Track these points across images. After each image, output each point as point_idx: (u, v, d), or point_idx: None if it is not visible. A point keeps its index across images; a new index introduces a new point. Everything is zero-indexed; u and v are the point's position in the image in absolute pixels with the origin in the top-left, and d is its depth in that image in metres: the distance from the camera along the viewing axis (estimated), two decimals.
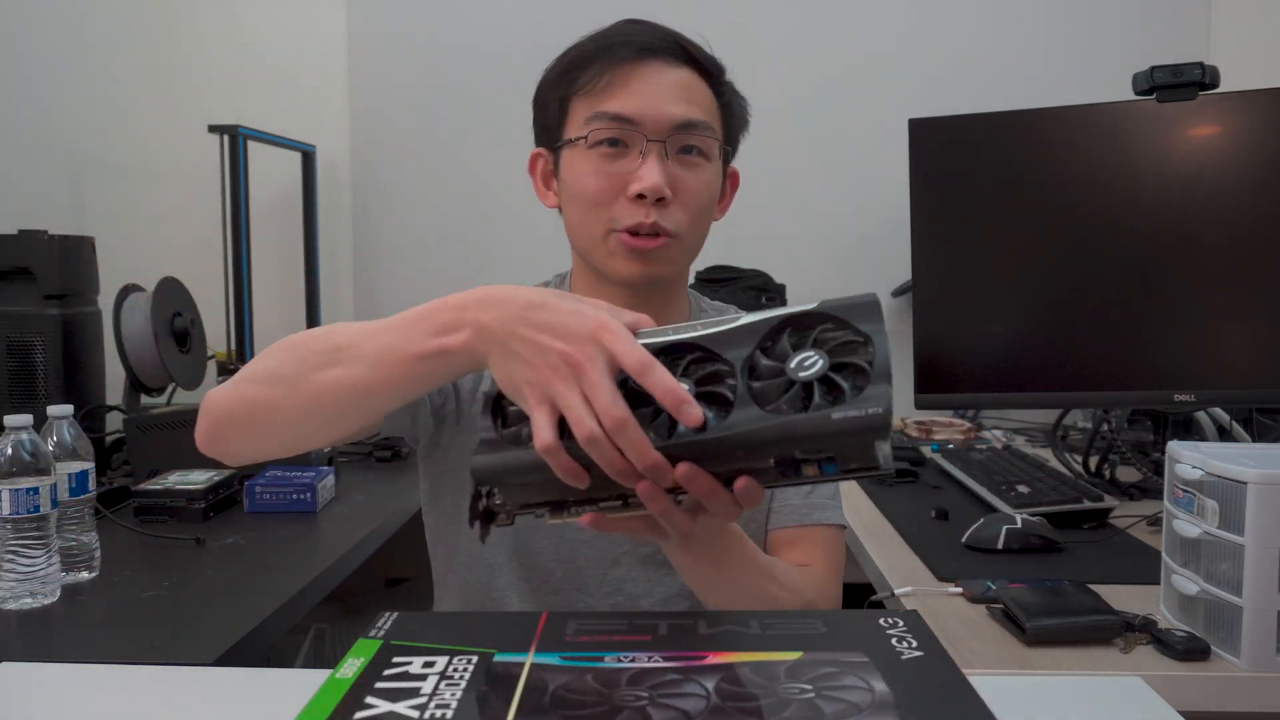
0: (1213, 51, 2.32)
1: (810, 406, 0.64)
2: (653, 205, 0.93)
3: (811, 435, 0.63)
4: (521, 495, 0.72)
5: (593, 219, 0.96)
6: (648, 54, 0.95)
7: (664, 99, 0.94)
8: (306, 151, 2.41)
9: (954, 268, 1.59)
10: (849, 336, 0.66)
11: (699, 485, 0.66)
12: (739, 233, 2.32)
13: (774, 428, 0.64)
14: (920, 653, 0.66)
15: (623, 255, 0.95)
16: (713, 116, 0.98)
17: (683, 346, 0.69)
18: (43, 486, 1.15)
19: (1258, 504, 0.93)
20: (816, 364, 0.65)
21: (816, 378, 0.64)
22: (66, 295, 1.70)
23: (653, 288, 0.99)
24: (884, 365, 0.64)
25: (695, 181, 0.96)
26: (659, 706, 0.58)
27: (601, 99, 0.95)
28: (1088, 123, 1.53)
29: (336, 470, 1.79)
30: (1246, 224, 1.48)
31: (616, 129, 0.95)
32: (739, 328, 0.69)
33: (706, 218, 0.99)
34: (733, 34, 2.32)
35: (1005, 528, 1.31)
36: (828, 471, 0.66)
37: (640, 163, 0.94)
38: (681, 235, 0.96)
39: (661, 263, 0.96)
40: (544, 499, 0.71)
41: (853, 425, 0.62)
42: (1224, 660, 0.97)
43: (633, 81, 0.95)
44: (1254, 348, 1.50)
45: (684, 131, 0.95)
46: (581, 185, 0.97)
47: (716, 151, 0.98)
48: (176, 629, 1.12)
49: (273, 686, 0.78)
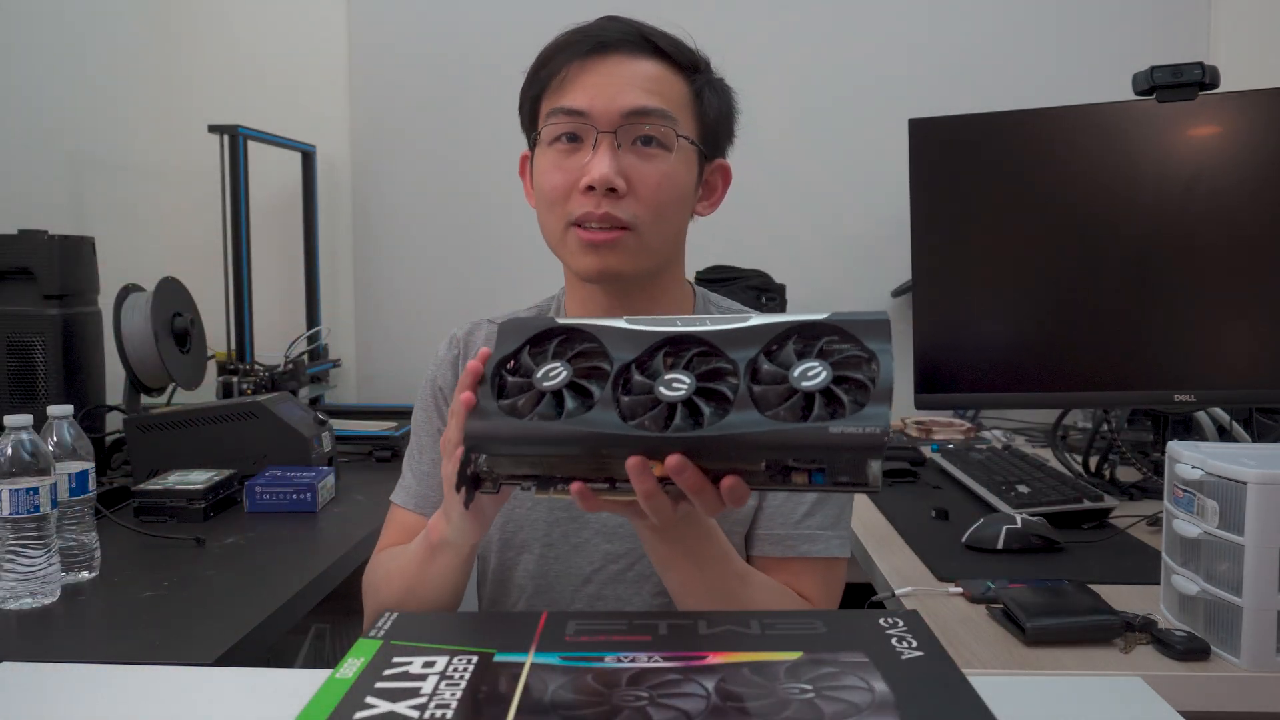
0: (1213, 51, 2.32)
1: (809, 417, 0.64)
2: (604, 196, 0.92)
3: (806, 445, 0.64)
4: (510, 466, 0.72)
5: (553, 216, 0.96)
6: (606, 48, 0.94)
7: (617, 90, 0.93)
8: (306, 151, 2.41)
9: (954, 268, 1.59)
10: (855, 352, 0.67)
11: (688, 478, 0.66)
12: (739, 233, 2.33)
13: (771, 434, 0.64)
14: (920, 653, 0.66)
15: (579, 250, 0.94)
16: (678, 106, 0.95)
17: (688, 340, 0.69)
18: (43, 486, 1.15)
19: (1258, 504, 0.93)
20: (820, 375, 0.65)
21: (819, 389, 0.65)
22: (66, 295, 1.70)
23: (630, 284, 0.97)
24: (886, 385, 0.64)
25: (652, 172, 0.93)
26: (659, 706, 0.58)
27: (559, 94, 0.95)
28: (1088, 123, 1.53)
29: (336, 470, 1.79)
30: (1246, 224, 1.48)
31: (570, 122, 0.94)
32: (746, 329, 0.69)
33: (673, 211, 0.96)
34: (733, 34, 2.32)
35: (1005, 528, 1.31)
36: (816, 481, 0.67)
37: (592, 155, 0.93)
38: (640, 228, 0.93)
39: (619, 256, 0.93)
40: (532, 472, 0.72)
41: (849, 442, 0.63)
42: (1224, 660, 0.97)
43: (589, 75, 0.94)
44: (1254, 348, 1.50)
45: (636, 120, 0.93)
46: (541, 182, 0.97)
47: (677, 142, 0.95)
48: (176, 629, 1.12)
49: (273, 686, 0.78)
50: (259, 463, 1.70)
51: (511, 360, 0.73)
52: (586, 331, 0.72)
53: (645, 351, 0.70)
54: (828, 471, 0.66)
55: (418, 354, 1.10)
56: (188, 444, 1.71)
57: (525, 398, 0.70)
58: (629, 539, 1.00)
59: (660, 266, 0.99)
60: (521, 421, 0.69)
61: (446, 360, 1.07)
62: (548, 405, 0.69)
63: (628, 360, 0.69)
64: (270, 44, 2.49)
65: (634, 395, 0.68)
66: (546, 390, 0.69)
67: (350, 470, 1.93)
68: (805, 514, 1.00)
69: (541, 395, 0.69)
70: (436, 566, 0.90)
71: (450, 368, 1.06)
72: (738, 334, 0.69)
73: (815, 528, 1.00)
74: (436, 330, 1.12)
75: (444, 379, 1.06)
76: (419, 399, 1.08)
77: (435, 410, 1.06)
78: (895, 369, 0.66)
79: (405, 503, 1.06)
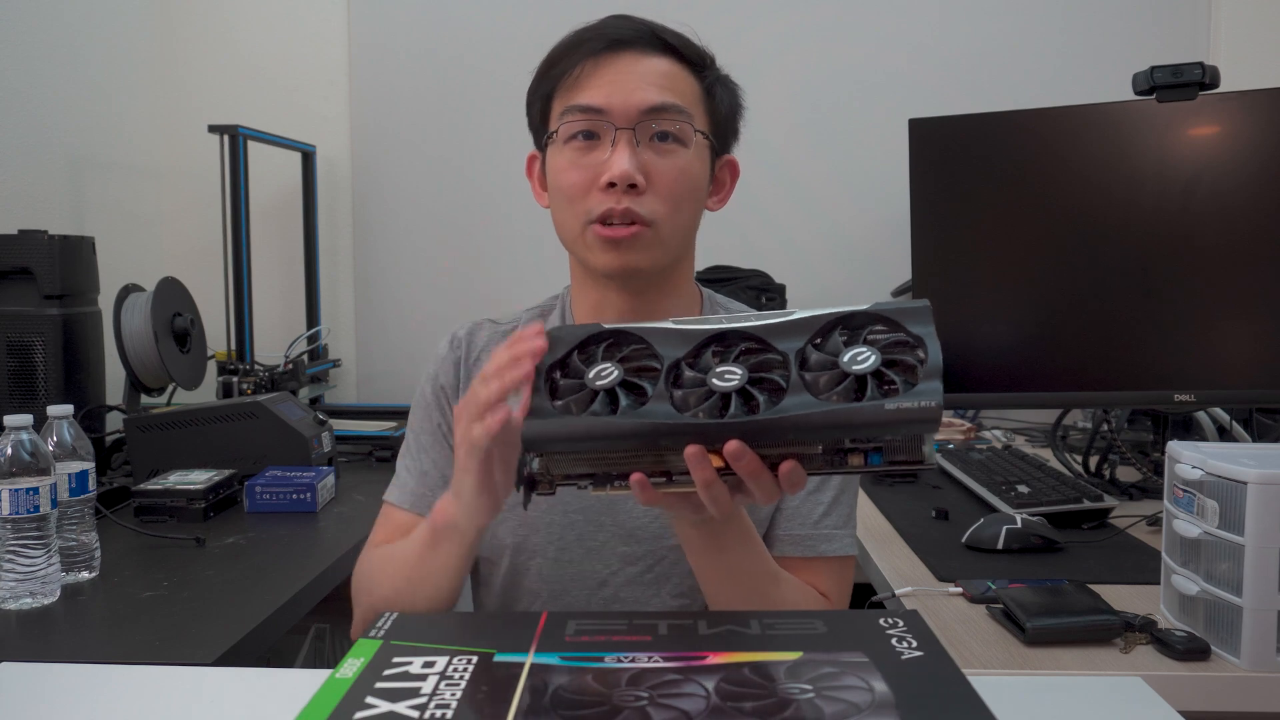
0: (1213, 51, 2.32)
1: (863, 399, 0.66)
2: (624, 193, 0.92)
3: (864, 423, 0.66)
4: (567, 465, 0.73)
5: (571, 214, 0.96)
6: (620, 45, 0.95)
7: (633, 86, 0.94)
8: (306, 151, 2.41)
9: (954, 268, 1.59)
10: (901, 337, 0.69)
11: (746, 464, 0.68)
12: (739, 233, 2.33)
13: (828, 413, 0.66)
14: (920, 653, 0.66)
15: (599, 247, 0.94)
16: (692, 102, 0.96)
17: (735, 335, 0.72)
18: (43, 486, 1.15)
19: (1258, 504, 0.93)
20: (870, 359, 0.67)
21: (869, 371, 0.67)
22: (66, 295, 1.70)
23: (644, 280, 0.98)
24: (936, 364, 0.66)
25: (670, 167, 0.94)
26: (659, 706, 0.58)
27: (574, 92, 0.95)
28: (1088, 123, 1.53)
29: (336, 470, 1.79)
30: (1246, 224, 1.48)
31: (587, 120, 0.94)
32: (792, 321, 0.71)
33: (690, 206, 0.97)
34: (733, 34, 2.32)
35: (1005, 528, 1.31)
36: (873, 462, 0.69)
37: (611, 152, 0.93)
38: (659, 223, 0.94)
39: (639, 252, 0.94)
40: (589, 470, 0.73)
41: (906, 416, 0.65)
42: (1224, 660, 0.97)
43: (604, 72, 0.94)
44: (1254, 348, 1.50)
45: (654, 116, 0.93)
46: (559, 180, 0.97)
47: (694, 137, 0.96)
48: (176, 629, 1.12)
49: (273, 686, 0.78)
50: (259, 463, 1.70)
51: (561, 366, 0.74)
52: (634, 333, 0.73)
53: (694, 348, 0.71)
54: (885, 451, 0.68)
55: (418, 354, 1.10)
56: (188, 444, 1.71)
57: (578, 397, 0.71)
58: (647, 541, 1.00)
59: (675, 262, 1.00)
60: (577, 418, 0.70)
61: (448, 359, 1.06)
62: (601, 403, 0.70)
63: (678, 357, 0.71)
64: (270, 44, 2.49)
65: (687, 388, 0.69)
66: (599, 389, 0.71)
67: (350, 470, 1.93)
68: (823, 514, 1.01)
69: (595, 394, 0.71)
70: (439, 555, 0.89)
71: (452, 367, 1.06)
72: (783, 327, 0.71)
73: (831, 527, 1.01)
74: (436, 330, 1.11)
75: (446, 377, 1.06)
76: (418, 398, 1.08)
77: (437, 408, 1.05)
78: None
79: (401, 501, 1.05)
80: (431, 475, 1.04)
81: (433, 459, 1.05)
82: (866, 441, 0.68)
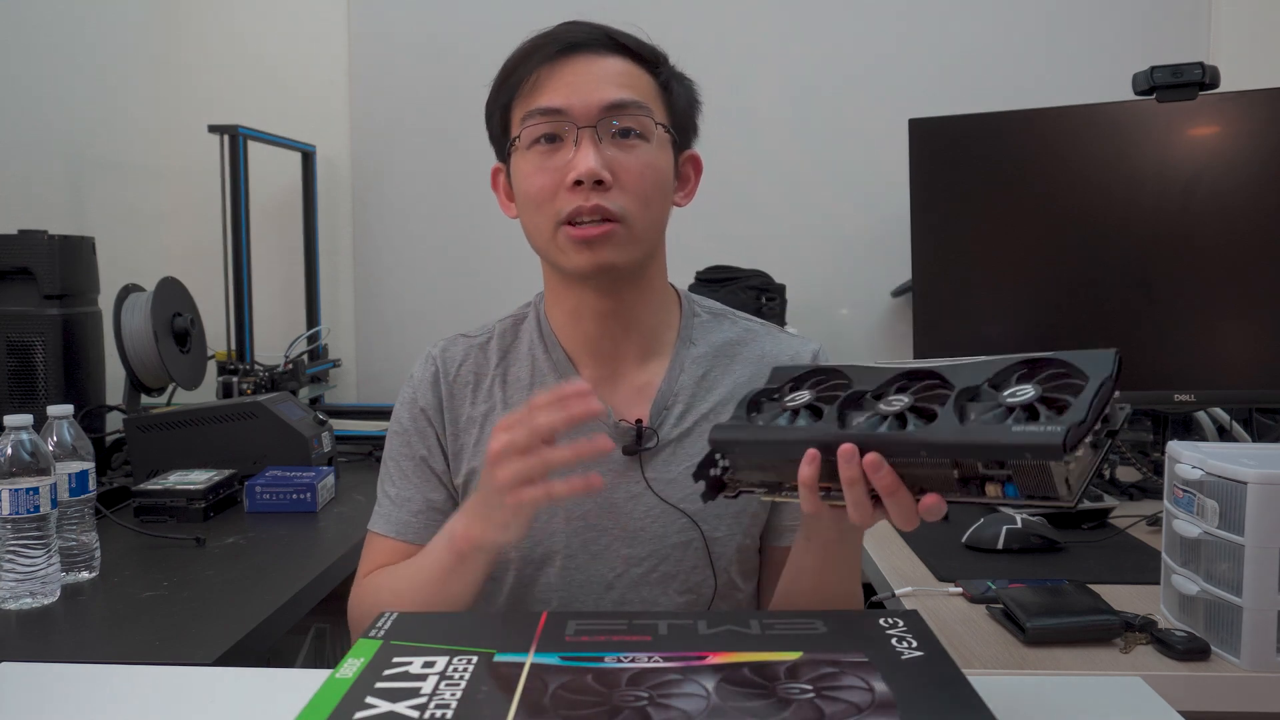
0: (1213, 51, 2.32)
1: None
2: (592, 189, 0.93)
3: (983, 445, 0.67)
4: (748, 473, 0.81)
5: (540, 217, 0.96)
6: (575, 48, 0.96)
7: (592, 86, 0.95)
8: (306, 151, 2.41)
9: (954, 268, 1.59)
10: (1071, 379, 0.70)
11: (882, 478, 0.71)
12: (739, 233, 2.33)
13: (953, 432, 0.68)
14: (920, 653, 0.66)
15: (572, 248, 0.95)
16: (650, 98, 0.97)
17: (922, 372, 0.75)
18: (43, 486, 1.15)
19: (1258, 504, 0.93)
20: (1027, 394, 0.68)
21: (1020, 404, 0.68)
22: (66, 295, 1.70)
23: (619, 279, 0.98)
24: (1084, 403, 0.66)
25: (634, 162, 0.95)
26: (659, 706, 0.58)
27: (533, 97, 0.96)
28: (1088, 123, 1.53)
29: (336, 470, 1.79)
30: (1246, 224, 1.48)
31: (548, 123, 0.95)
32: (980, 363, 0.74)
33: (658, 200, 0.98)
34: (733, 34, 2.31)
35: (1005, 528, 1.31)
36: (1009, 493, 0.69)
37: (575, 151, 0.94)
38: (629, 219, 0.94)
39: (611, 249, 0.94)
40: (764, 480, 0.80)
41: (1023, 440, 0.65)
42: (1224, 660, 0.97)
43: (561, 75, 0.96)
44: (1254, 348, 1.50)
45: (614, 113, 0.94)
46: (525, 185, 0.97)
47: (656, 131, 0.97)
48: (176, 629, 1.12)
49: (273, 686, 0.78)
50: (259, 463, 1.70)
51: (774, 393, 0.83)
52: (840, 370, 0.81)
53: (884, 382, 0.76)
54: (1018, 481, 0.68)
55: (418, 354, 1.09)
56: (188, 444, 1.71)
57: (769, 414, 0.80)
58: (649, 542, 1.00)
59: (648, 259, 1.00)
60: (754, 426, 0.79)
61: (425, 380, 1.05)
62: (785, 419, 0.79)
63: (865, 390, 0.76)
64: (270, 44, 2.49)
65: (858, 411, 0.75)
66: (787, 409, 0.79)
67: (350, 470, 1.93)
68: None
69: (783, 412, 0.79)
70: (464, 575, 0.90)
71: (430, 387, 1.05)
72: (971, 367, 0.73)
73: None
74: (436, 330, 1.11)
75: (426, 399, 1.05)
76: (395, 426, 1.07)
77: (417, 434, 1.05)
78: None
79: (388, 531, 1.04)
80: (415, 501, 1.04)
81: (415, 485, 1.04)
82: (1001, 468, 0.68)
